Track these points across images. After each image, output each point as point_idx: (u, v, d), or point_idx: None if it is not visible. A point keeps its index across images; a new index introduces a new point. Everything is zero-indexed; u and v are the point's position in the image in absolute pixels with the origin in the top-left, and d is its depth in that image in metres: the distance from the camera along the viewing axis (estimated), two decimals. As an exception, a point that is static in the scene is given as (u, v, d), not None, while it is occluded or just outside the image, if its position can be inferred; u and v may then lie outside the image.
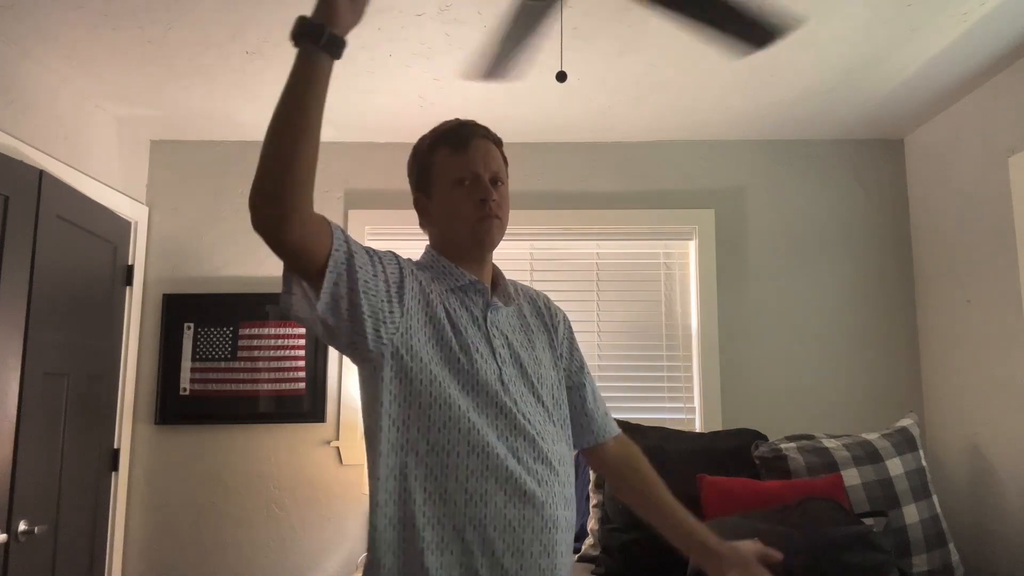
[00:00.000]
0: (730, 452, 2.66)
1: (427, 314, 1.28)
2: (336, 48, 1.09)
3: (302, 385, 3.20)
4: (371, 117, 3.10)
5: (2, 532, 2.17)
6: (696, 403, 3.27)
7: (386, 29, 2.37)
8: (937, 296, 3.12)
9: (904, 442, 2.61)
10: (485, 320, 1.34)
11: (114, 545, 3.01)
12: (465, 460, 1.22)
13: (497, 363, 1.31)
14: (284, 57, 2.55)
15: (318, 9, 1.09)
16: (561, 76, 1.97)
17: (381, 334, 1.22)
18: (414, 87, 2.80)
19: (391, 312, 1.23)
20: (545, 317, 1.49)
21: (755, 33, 1.87)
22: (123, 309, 3.10)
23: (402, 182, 3.39)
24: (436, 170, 1.38)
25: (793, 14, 2.23)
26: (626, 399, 3.28)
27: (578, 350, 1.54)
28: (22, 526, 2.24)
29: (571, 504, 1.31)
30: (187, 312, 3.23)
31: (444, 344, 1.27)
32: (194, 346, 3.20)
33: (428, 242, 1.46)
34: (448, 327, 1.29)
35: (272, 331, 3.22)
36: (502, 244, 1.44)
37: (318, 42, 1.07)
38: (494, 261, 1.45)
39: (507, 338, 1.36)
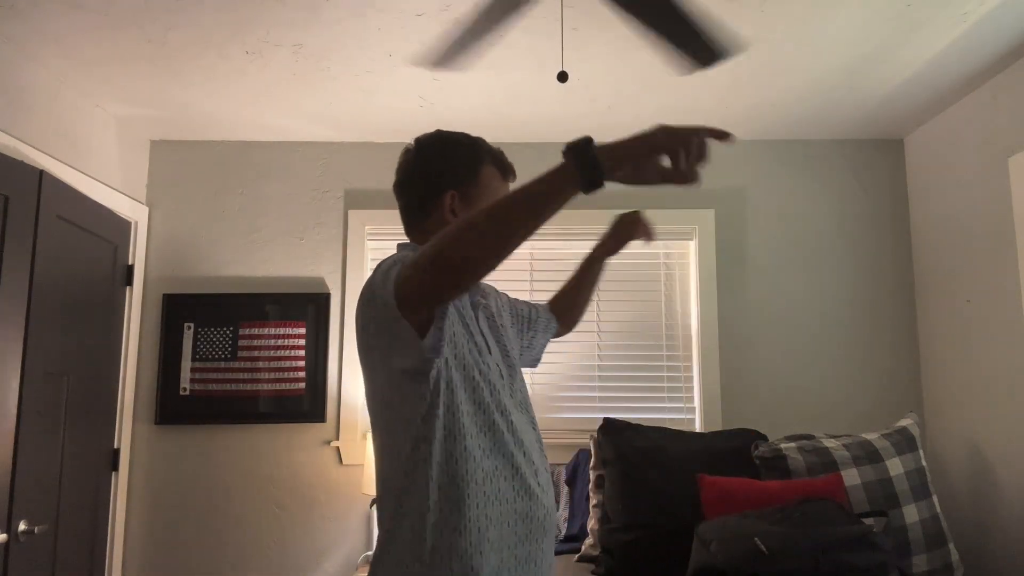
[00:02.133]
0: (730, 452, 2.66)
1: (462, 321, 1.32)
2: (590, 187, 1.05)
3: (302, 385, 3.20)
4: (371, 117, 3.10)
5: (2, 532, 2.17)
6: (696, 403, 3.27)
7: (386, 29, 2.37)
8: (937, 296, 3.12)
9: (904, 442, 2.61)
10: (477, 321, 1.37)
11: (114, 545, 3.01)
12: (499, 462, 1.27)
13: (495, 363, 1.35)
14: (284, 57, 2.55)
15: (608, 150, 1.05)
16: (562, 76, 1.97)
17: (446, 352, 1.25)
18: (414, 87, 2.80)
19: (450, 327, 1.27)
20: (505, 307, 1.56)
21: (702, 52, 1.92)
22: (123, 309, 3.10)
23: (402, 182, 3.39)
24: (483, 183, 1.40)
25: (739, 39, 2.29)
26: (626, 399, 3.28)
27: (519, 302, 1.68)
28: (22, 526, 2.24)
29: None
30: (187, 312, 3.23)
31: (472, 350, 1.31)
32: (194, 346, 3.20)
33: (417, 239, 1.43)
34: (465, 331, 1.32)
35: (272, 331, 3.22)
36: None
37: (582, 169, 1.04)
38: None
39: (493, 336, 1.41)
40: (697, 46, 1.89)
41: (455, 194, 1.38)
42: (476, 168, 1.40)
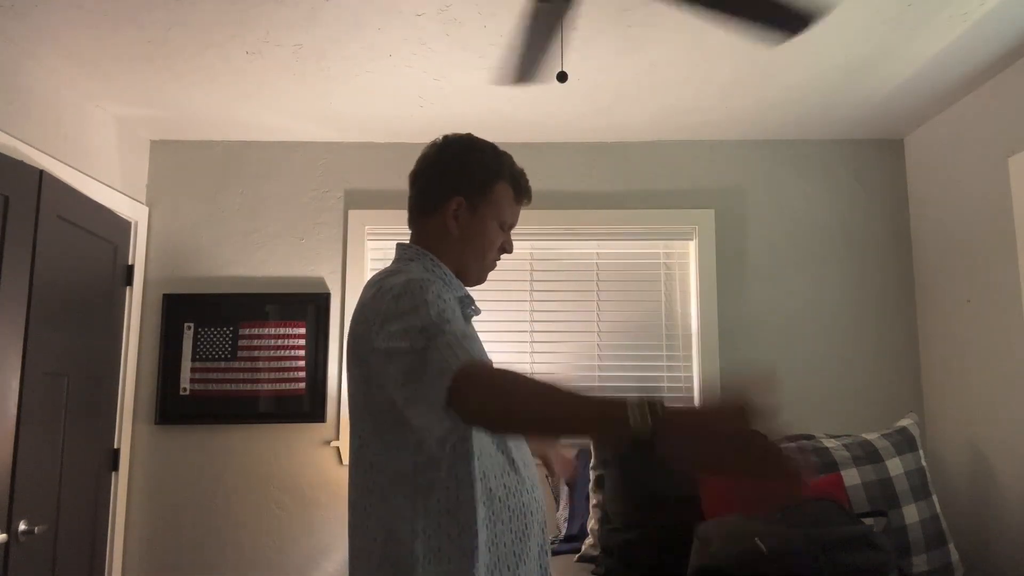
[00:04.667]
0: (730, 452, 2.65)
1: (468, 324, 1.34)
2: (642, 446, 0.97)
3: (302, 385, 3.20)
4: (371, 117, 3.10)
5: (2, 532, 2.17)
6: (696, 403, 3.26)
7: (386, 29, 2.37)
8: (937, 296, 3.12)
9: (904, 442, 2.61)
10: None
11: (114, 545, 3.01)
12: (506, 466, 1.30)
13: None
14: (284, 57, 2.55)
15: (677, 421, 0.96)
16: (562, 76, 1.97)
17: None
18: (414, 87, 2.80)
19: None
20: None
21: (787, 20, 1.88)
22: (123, 309, 3.10)
23: (402, 182, 3.39)
24: (494, 198, 1.40)
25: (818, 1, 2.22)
26: (626, 399, 3.27)
27: None
28: (22, 526, 2.24)
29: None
30: (187, 312, 3.22)
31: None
32: (194, 346, 3.20)
33: (419, 239, 1.42)
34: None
35: (272, 331, 3.22)
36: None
37: (642, 435, 0.96)
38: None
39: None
40: (779, 16, 1.86)
41: (462, 201, 1.38)
42: (491, 182, 1.40)
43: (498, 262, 1.47)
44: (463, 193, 1.38)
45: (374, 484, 1.26)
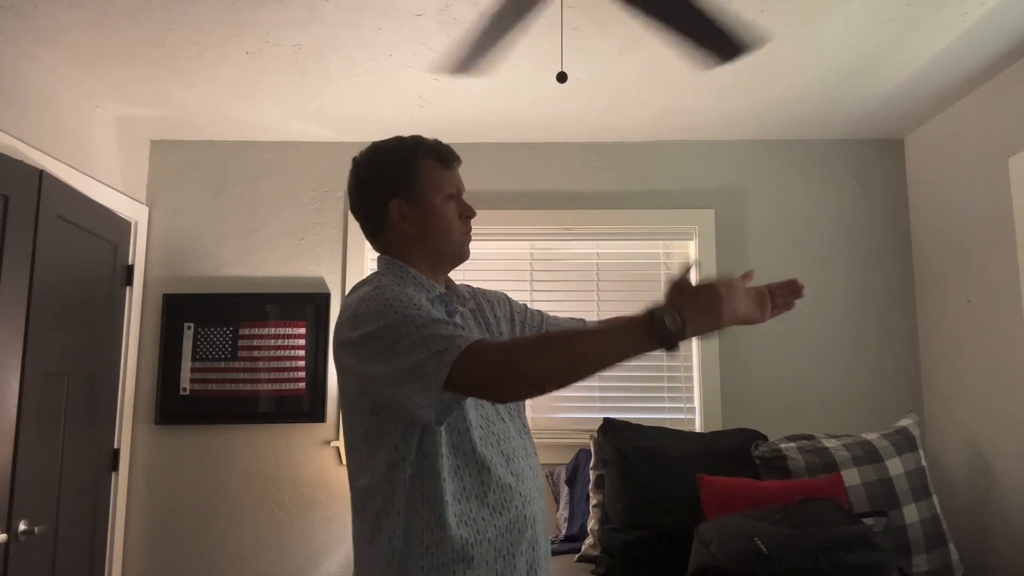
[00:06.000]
0: (730, 452, 2.66)
1: None
2: (672, 347, 1.12)
3: (302, 385, 3.20)
4: (371, 117, 3.10)
5: (2, 532, 2.16)
6: (696, 403, 3.27)
7: (386, 29, 2.37)
8: (937, 296, 3.12)
9: (904, 442, 2.61)
10: None
11: (114, 545, 3.01)
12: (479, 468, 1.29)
13: None
14: (284, 57, 2.55)
15: (693, 317, 1.12)
16: (561, 76, 1.97)
17: None
18: (414, 87, 2.80)
19: None
20: (499, 309, 1.56)
21: (723, 46, 1.93)
22: (123, 309, 3.10)
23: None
24: (423, 179, 1.39)
25: (760, 32, 2.30)
26: (626, 399, 3.28)
27: (522, 305, 1.64)
28: (22, 526, 2.24)
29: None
30: (187, 312, 3.22)
31: None
32: (194, 346, 3.20)
33: (387, 252, 1.43)
34: None
35: (272, 331, 3.22)
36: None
37: (669, 346, 1.12)
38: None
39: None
40: (717, 41, 1.90)
41: (399, 202, 1.39)
42: (412, 169, 1.40)
43: (471, 231, 1.46)
44: (396, 195, 1.39)
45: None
